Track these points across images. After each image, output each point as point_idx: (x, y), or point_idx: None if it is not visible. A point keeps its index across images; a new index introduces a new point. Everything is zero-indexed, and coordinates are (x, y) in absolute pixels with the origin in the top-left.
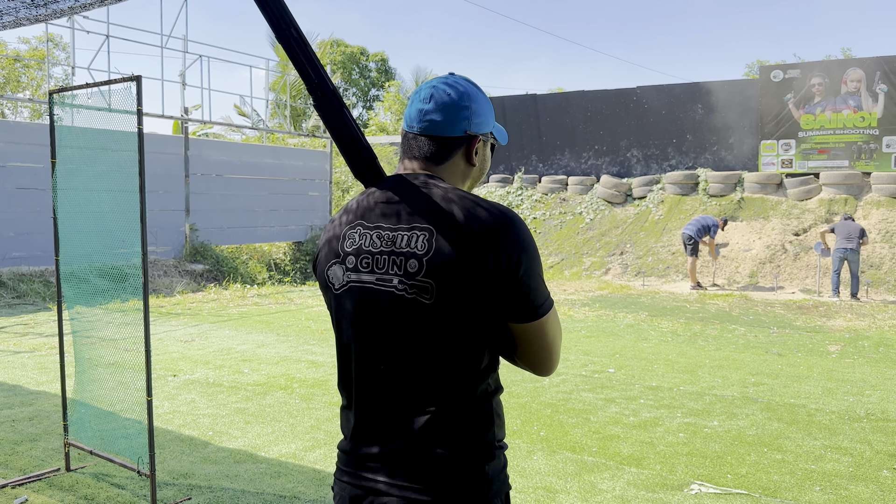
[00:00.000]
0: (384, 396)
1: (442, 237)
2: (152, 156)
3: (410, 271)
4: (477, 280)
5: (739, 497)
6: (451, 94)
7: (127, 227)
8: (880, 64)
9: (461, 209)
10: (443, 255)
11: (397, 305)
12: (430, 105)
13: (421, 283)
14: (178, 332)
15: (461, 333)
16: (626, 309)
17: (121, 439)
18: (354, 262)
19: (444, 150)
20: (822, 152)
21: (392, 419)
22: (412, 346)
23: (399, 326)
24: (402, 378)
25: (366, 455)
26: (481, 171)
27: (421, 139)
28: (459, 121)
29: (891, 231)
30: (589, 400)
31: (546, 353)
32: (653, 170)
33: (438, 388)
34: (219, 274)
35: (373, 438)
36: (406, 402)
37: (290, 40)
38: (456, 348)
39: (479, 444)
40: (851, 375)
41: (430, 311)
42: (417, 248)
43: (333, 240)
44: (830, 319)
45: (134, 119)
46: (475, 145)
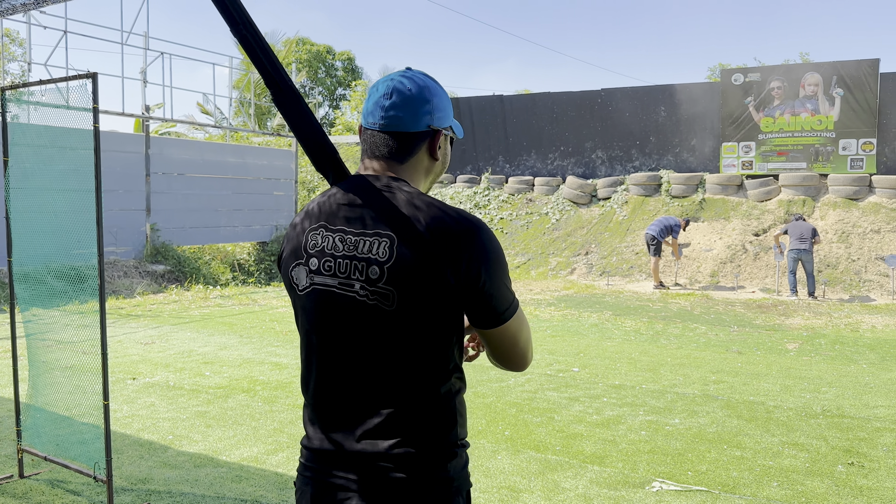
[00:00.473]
0: (346, 397)
1: (404, 245)
2: (112, 154)
3: (372, 278)
4: (438, 289)
5: (699, 494)
6: (411, 88)
7: (84, 228)
8: (836, 69)
9: (425, 216)
10: (404, 263)
11: (359, 311)
12: (390, 100)
13: (382, 290)
14: (138, 334)
15: (423, 339)
16: (590, 308)
17: (77, 445)
18: (317, 264)
19: (408, 147)
20: (781, 154)
21: (353, 419)
22: (373, 351)
23: (360, 331)
24: (363, 380)
25: (328, 453)
26: (443, 165)
27: (383, 136)
28: (422, 115)
29: (847, 231)
30: (553, 399)
31: (515, 353)
32: (617, 171)
33: (400, 390)
34: (180, 275)
35: (335, 437)
36: (367, 403)
37: (247, 36)
38: (417, 353)
39: (442, 442)
40: (808, 373)
41: (392, 318)
42: (379, 255)
43: (297, 240)
44: (789, 318)
45: (90, 116)
46: (438, 140)
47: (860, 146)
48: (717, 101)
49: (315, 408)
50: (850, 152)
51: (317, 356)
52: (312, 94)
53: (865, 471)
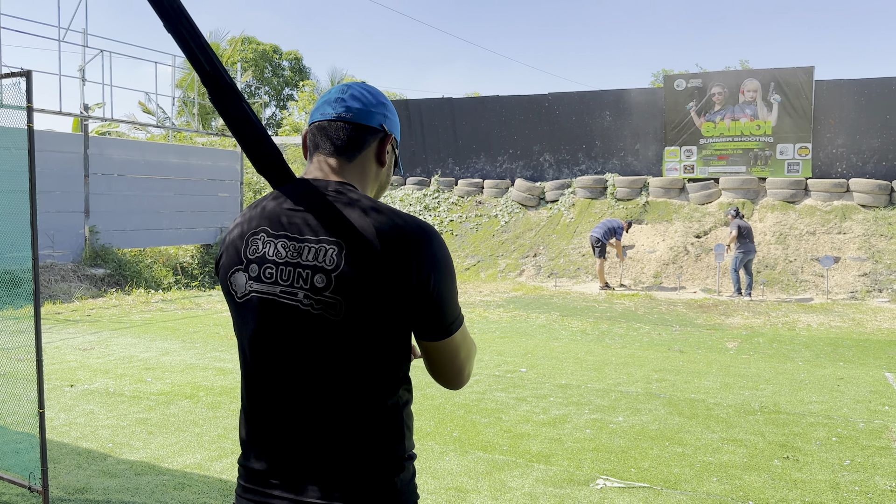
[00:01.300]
0: (287, 411)
1: (352, 252)
2: (49, 154)
3: (318, 286)
4: (387, 297)
5: (642, 490)
6: (368, 90)
7: (18, 230)
8: (774, 75)
9: (375, 223)
10: (352, 271)
11: (302, 320)
12: (347, 94)
13: (328, 299)
14: (76, 339)
15: (371, 350)
16: (538, 309)
17: (10, 455)
18: (257, 270)
19: (359, 140)
20: (721, 158)
21: (296, 434)
22: (316, 363)
23: (304, 342)
24: (305, 394)
25: (268, 471)
26: (388, 176)
27: (337, 125)
28: (376, 114)
29: (784, 233)
30: (501, 399)
31: (455, 370)
32: (564, 174)
33: (345, 403)
34: (121, 278)
35: (275, 454)
36: (310, 418)
37: (181, 30)
38: (364, 365)
39: (388, 457)
40: (747, 370)
41: (338, 329)
42: (325, 263)
43: (237, 244)
44: (729, 318)
45: (24, 115)
46: (388, 143)
47: (796, 150)
48: (661, 106)
49: (252, 423)
50: (787, 156)
51: (254, 367)
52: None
53: (800, 464)
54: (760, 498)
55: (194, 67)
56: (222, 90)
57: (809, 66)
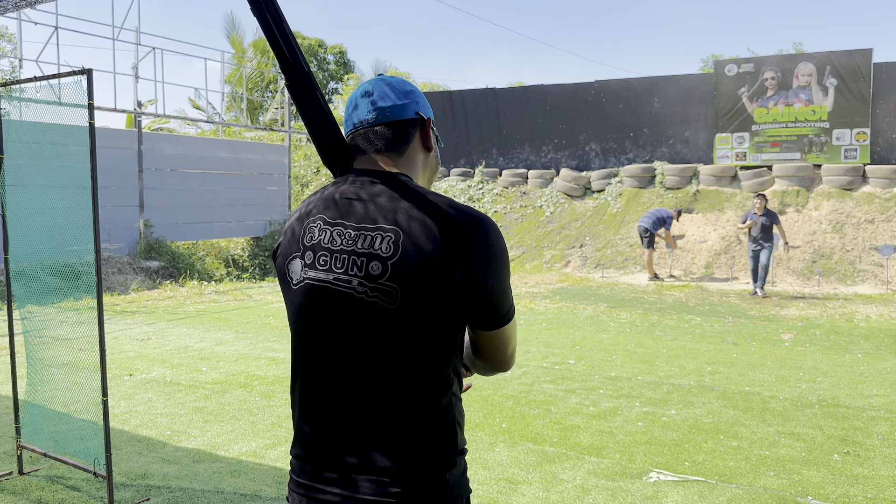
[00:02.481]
0: (339, 401)
1: (408, 241)
2: (104, 150)
3: (373, 273)
4: (443, 287)
5: (696, 484)
6: (390, 83)
7: (79, 224)
8: (830, 59)
9: (433, 212)
10: (409, 260)
11: (356, 307)
12: (373, 97)
13: (384, 286)
14: (133, 330)
15: (425, 340)
16: (585, 301)
17: (76, 441)
18: (312, 257)
19: (403, 135)
20: (774, 145)
21: (348, 427)
22: (371, 352)
23: (357, 330)
24: (357, 384)
25: (321, 465)
26: (436, 160)
27: (377, 129)
28: (408, 104)
29: (840, 222)
30: (550, 391)
31: (503, 356)
32: (611, 163)
33: (398, 394)
34: (175, 271)
35: (327, 447)
36: (363, 408)
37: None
38: (418, 355)
39: (441, 453)
40: (803, 363)
41: (393, 317)
42: (381, 251)
43: (295, 232)
44: (784, 308)
45: (85, 113)
46: (428, 128)
47: (854, 136)
48: (711, 92)
49: (303, 414)
50: (843, 142)
51: (307, 356)
52: None
53: (861, 459)
54: (820, 493)
55: (274, 50)
56: (298, 79)
57: (867, 48)
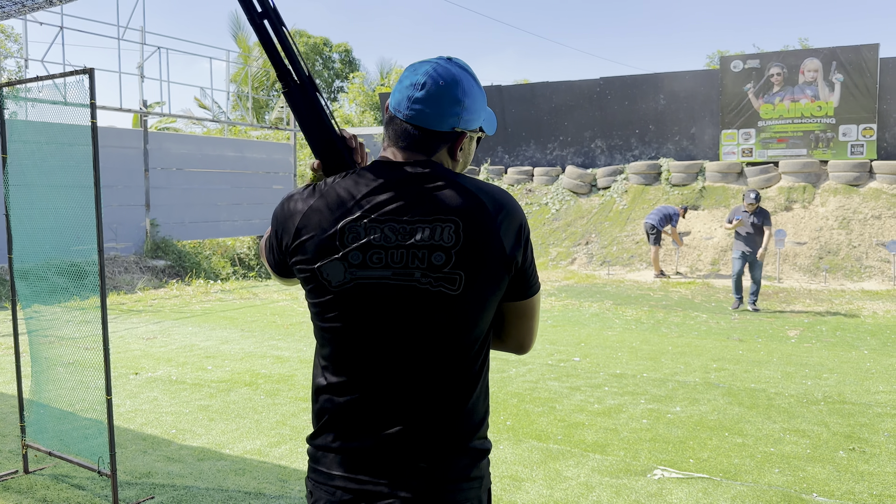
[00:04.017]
0: (390, 393)
1: (468, 228)
2: (110, 150)
3: (436, 264)
4: (499, 265)
5: (701, 481)
6: (445, 84)
7: (84, 224)
8: (836, 54)
9: (480, 198)
10: (472, 246)
11: (419, 299)
12: (421, 93)
13: (448, 274)
14: (139, 329)
15: (479, 320)
16: (591, 298)
17: (80, 440)
18: (361, 258)
19: (430, 142)
20: (781, 141)
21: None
22: (431, 338)
23: (420, 320)
24: (412, 374)
25: (358, 454)
26: (464, 165)
27: (406, 126)
28: (449, 116)
29: (847, 218)
30: (555, 388)
31: (532, 330)
32: (616, 160)
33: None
34: (181, 269)
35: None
36: (413, 399)
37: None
38: (472, 336)
39: (475, 435)
40: (809, 359)
41: (455, 302)
42: (444, 240)
43: (321, 232)
44: (790, 305)
45: (87, 112)
46: (461, 142)
47: (860, 132)
48: (717, 88)
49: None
50: (850, 138)
51: (355, 352)
52: None
53: (867, 456)
54: (825, 490)
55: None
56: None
57: (874, 42)
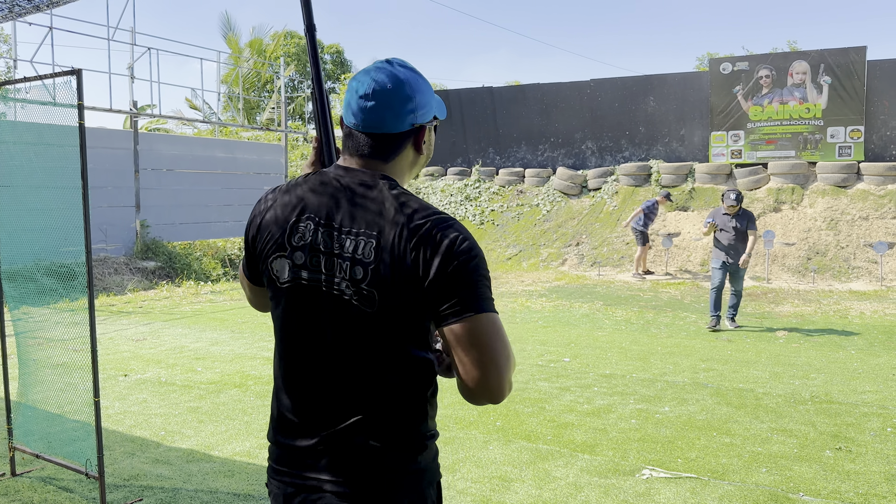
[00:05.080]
0: (320, 394)
1: (384, 246)
2: (100, 151)
3: (356, 278)
4: (413, 290)
5: (689, 481)
6: (392, 86)
7: (73, 225)
8: (824, 56)
9: (404, 218)
10: (385, 266)
11: (343, 310)
12: (371, 102)
13: (365, 291)
14: (129, 330)
15: (401, 342)
16: (581, 299)
17: (68, 442)
18: (303, 259)
19: (392, 147)
20: (769, 143)
21: (327, 416)
22: (351, 350)
23: (341, 330)
24: (337, 379)
25: (300, 451)
26: (428, 154)
27: (365, 137)
28: (405, 115)
29: (835, 219)
30: (544, 389)
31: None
32: (607, 161)
33: (374, 390)
34: (171, 271)
35: (308, 434)
36: (341, 401)
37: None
38: (394, 356)
39: (411, 436)
40: (797, 359)
41: (372, 321)
42: (364, 256)
43: (278, 229)
44: (778, 306)
45: (75, 113)
46: (423, 135)
47: (848, 133)
48: (706, 90)
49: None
50: (838, 140)
51: (291, 352)
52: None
53: (853, 455)
54: (812, 489)
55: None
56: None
57: (861, 45)
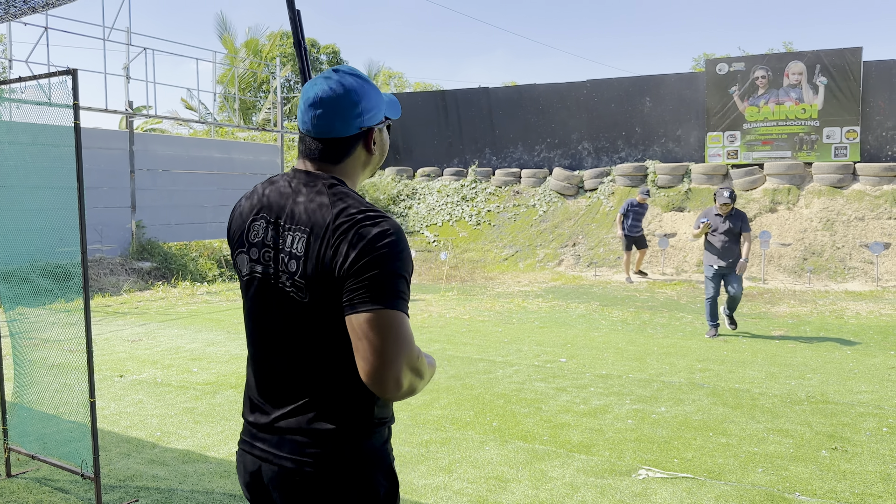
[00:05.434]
0: (274, 379)
1: (314, 240)
2: (96, 151)
3: (292, 271)
4: (335, 279)
5: (685, 481)
6: (338, 93)
7: (68, 225)
8: (820, 57)
9: (334, 213)
10: (312, 258)
11: (285, 300)
12: (320, 110)
13: (298, 282)
14: (125, 331)
15: (335, 330)
16: (578, 299)
17: (64, 443)
18: (257, 254)
19: (341, 150)
20: (765, 143)
21: (281, 398)
22: (294, 339)
23: (285, 320)
24: (288, 365)
25: (257, 427)
26: (381, 154)
27: (315, 141)
28: (352, 119)
29: (831, 219)
30: (541, 389)
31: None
32: (603, 162)
33: (319, 377)
34: (167, 271)
35: (265, 413)
36: (292, 386)
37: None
38: (332, 344)
39: (359, 421)
40: (793, 360)
41: (306, 310)
42: (297, 250)
43: (241, 227)
44: (774, 306)
45: (70, 113)
46: (372, 136)
47: (844, 134)
48: (702, 91)
49: (251, 385)
50: (833, 140)
51: (252, 339)
52: (297, 88)
53: (849, 455)
54: (808, 489)
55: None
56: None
57: (857, 46)
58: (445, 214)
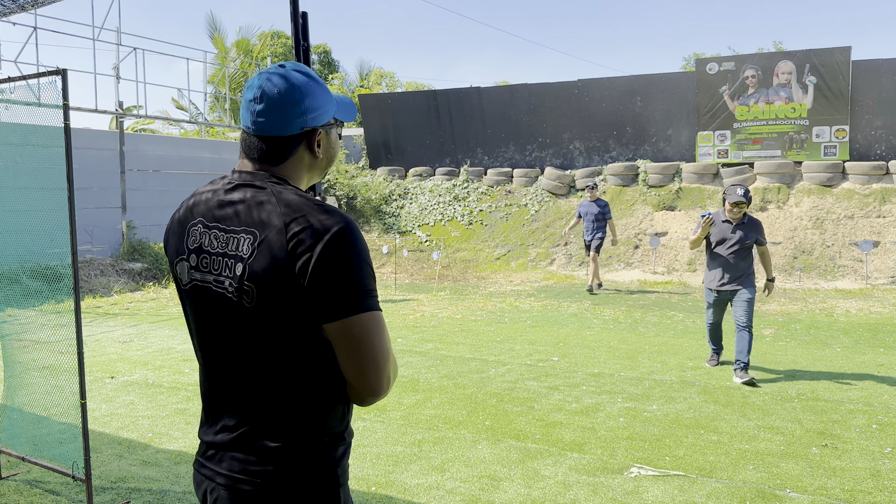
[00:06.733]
0: (223, 390)
1: (263, 241)
2: (86, 152)
3: (237, 274)
4: (290, 285)
5: (677, 478)
6: (281, 90)
7: (58, 226)
8: (809, 56)
9: (284, 213)
10: (261, 261)
11: (228, 307)
12: (261, 105)
13: (245, 286)
14: (115, 332)
15: (284, 337)
16: (570, 298)
17: (55, 444)
18: (196, 260)
19: (283, 150)
20: (756, 142)
21: (229, 412)
22: (240, 347)
23: (230, 327)
24: (235, 375)
25: (209, 444)
26: (328, 159)
27: (256, 140)
28: (294, 118)
29: (821, 218)
30: (533, 388)
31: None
32: (595, 161)
33: (266, 385)
34: (158, 272)
35: (214, 430)
36: (237, 398)
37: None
38: (280, 351)
39: (308, 437)
40: (784, 357)
41: (252, 315)
42: (243, 252)
43: (178, 233)
44: (765, 304)
45: (60, 114)
46: (315, 138)
47: (833, 133)
48: (693, 90)
49: (202, 398)
50: (823, 139)
51: (199, 349)
52: None
53: (839, 452)
54: (798, 486)
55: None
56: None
57: (846, 45)
58: (437, 214)
